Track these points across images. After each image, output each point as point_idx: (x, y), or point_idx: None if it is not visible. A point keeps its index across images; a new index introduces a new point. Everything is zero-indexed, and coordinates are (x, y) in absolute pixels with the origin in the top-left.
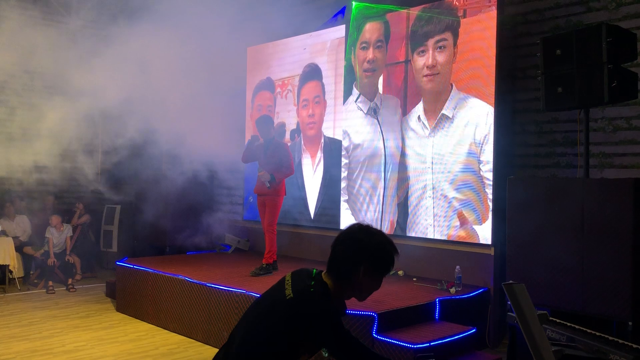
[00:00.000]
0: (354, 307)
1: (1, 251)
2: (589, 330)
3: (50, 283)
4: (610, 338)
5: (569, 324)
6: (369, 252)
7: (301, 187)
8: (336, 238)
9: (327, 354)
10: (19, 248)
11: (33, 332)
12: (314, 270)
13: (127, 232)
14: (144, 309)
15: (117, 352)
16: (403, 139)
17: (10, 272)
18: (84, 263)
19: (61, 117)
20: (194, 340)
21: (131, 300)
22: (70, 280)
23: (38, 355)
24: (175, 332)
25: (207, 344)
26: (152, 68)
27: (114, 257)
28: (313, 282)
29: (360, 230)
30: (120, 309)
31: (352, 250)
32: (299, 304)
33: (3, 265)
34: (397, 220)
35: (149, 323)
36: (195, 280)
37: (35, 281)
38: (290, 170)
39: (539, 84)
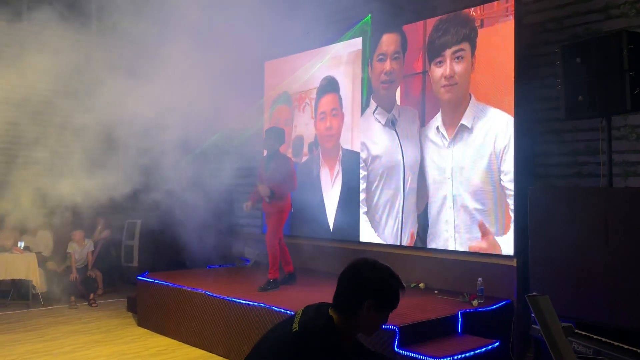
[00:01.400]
0: None
1: (24, 267)
2: (616, 343)
3: (73, 298)
4: (639, 351)
5: (595, 337)
6: (373, 288)
7: (320, 200)
8: (342, 273)
9: None
10: (41, 263)
11: (56, 347)
12: (325, 305)
13: (147, 247)
14: (165, 323)
15: None
16: (422, 150)
17: (34, 287)
18: (106, 278)
19: (82, 132)
20: (214, 355)
21: (152, 314)
22: (92, 295)
23: None
24: (196, 347)
25: (227, 359)
26: (170, 83)
27: (135, 271)
28: (319, 316)
29: (365, 266)
30: (142, 323)
31: (356, 287)
32: (303, 337)
33: (26, 280)
34: (417, 232)
35: (170, 337)
36: (215, 295)
37: (58, 296)
38: (292, 186)
39: (558, 93)
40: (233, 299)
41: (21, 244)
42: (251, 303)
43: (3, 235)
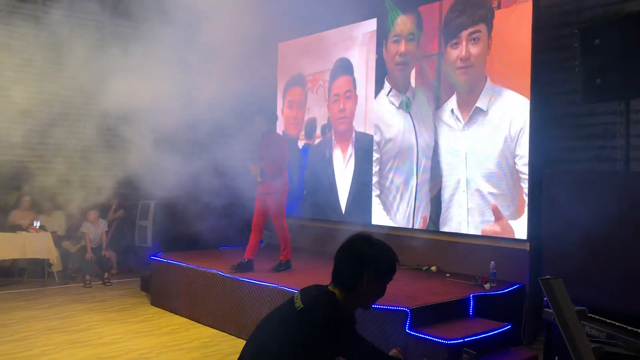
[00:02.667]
0: (387, 302)
1: (41, 245)
2: (630, 327)
3: (88, 277)
4: None
5: (608, 321)
6: (370, 261)
7: (332, 182)
8: (338, 250)
9: None
10: (56, 242)
11: (72, 325)
12: (321, 285)
13: (161, 227)
14: (178, 303)
15: (152, 345)
16: (436, 133)
17: (50, 265)
18: (120, 258)
19: (96, 114)
20: (226, 334)
21: (165, 294)
22: (106, 275)
23: (77, 347)
24: (209, 326)
25: (239, 338)
26: (183, 65)
27: (148, 251)
28: (321, 293)
29: (360, 241)
30: (155, 302)
31: (354, 261)
32: (310, 313)
33: (41, 259)
34: (430, 216)
35: (182, 317)
36: (228, 275)
37: (73, 275)
38: (283, 165)
39: (576, 76)
40: (245, 279)
41: (37, 224)
42: (263, 283)
43: (20, 214)
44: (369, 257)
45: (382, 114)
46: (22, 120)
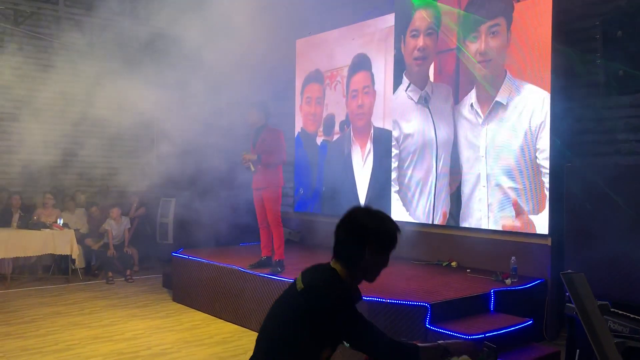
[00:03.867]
0: (407, 297)
1: (65, 242)
2: None
3: (110, 274)
4: None
5: (632, 316)
6: (371, 231)
7: (351, 178)
8: (337, 224)
9: (348, 345)
10: (79, 240)
11: (95, 320)
12: (322, 264)
13: (182, 224)
14: (199, 299)
15: (173, 340)
16: (455, 128)
17: (73, 262)
18: (141, 254)
19: (118, 114)
20: (247, 329)
21: (187, 290)
22: (128, 272)
23: (100, 342)
24: (229, 322)
25: None
26: (203, 64)
27: (169, 248)
28: (321, 271)
29: (360, 213)
30: (177, 299)
31: (354, 233)
32: (311, 293)
33: (66, 256)
34: (450, 211)
35: (204, 312)
36: (248, 271)
37: (96, 272)
38: (281, 158)
39: (598, 68)
40: (265, 275)
41: (60, 221)
42: (283, 279)
43: (45, 212)
44: (369, 229)
45: (400, 109)
46: (46, 120)
